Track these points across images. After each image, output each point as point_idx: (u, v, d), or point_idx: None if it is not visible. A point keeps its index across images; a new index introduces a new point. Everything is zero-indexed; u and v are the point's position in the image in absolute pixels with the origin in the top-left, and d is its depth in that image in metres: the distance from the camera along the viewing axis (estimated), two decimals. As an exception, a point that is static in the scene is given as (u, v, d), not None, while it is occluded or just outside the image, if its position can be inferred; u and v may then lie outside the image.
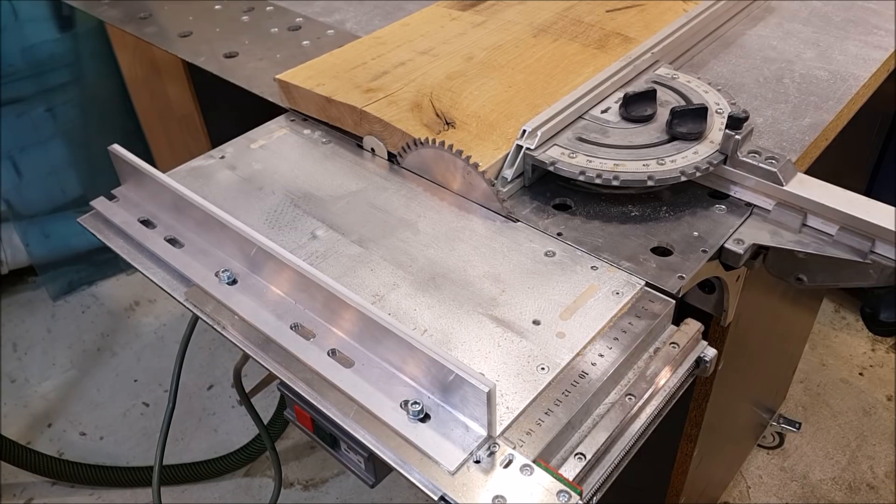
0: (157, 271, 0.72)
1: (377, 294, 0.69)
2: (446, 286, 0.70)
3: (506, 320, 0.66)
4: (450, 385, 0.55)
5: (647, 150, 0.77)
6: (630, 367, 0.64)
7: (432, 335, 0.65)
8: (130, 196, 0.79)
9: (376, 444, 0.56)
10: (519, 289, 0.69)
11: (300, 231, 0.76)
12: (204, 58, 1.07)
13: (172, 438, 1.83)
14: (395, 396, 0.58)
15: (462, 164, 0.77)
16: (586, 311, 0.66)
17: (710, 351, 0.68)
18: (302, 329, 0.64)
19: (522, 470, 0.54)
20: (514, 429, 0.57)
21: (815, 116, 0.89)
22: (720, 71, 0.98)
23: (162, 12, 1.20)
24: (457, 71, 0.92)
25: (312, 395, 0.60)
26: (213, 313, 0.67)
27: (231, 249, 0.70)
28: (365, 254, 0.73)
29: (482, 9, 1.07)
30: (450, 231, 0.76)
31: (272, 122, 0.94)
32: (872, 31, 1.06)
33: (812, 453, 1.73)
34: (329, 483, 1.73)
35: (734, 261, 0.74)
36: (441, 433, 0.55)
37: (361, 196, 0.81)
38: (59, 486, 1.74)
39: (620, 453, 0.61)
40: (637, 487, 1.20)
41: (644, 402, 0.63)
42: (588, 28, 1.00)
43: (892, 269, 0.71)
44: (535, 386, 0.60)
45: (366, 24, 1.14)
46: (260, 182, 0.84)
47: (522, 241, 0.75)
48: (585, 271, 0.71)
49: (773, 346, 1.39)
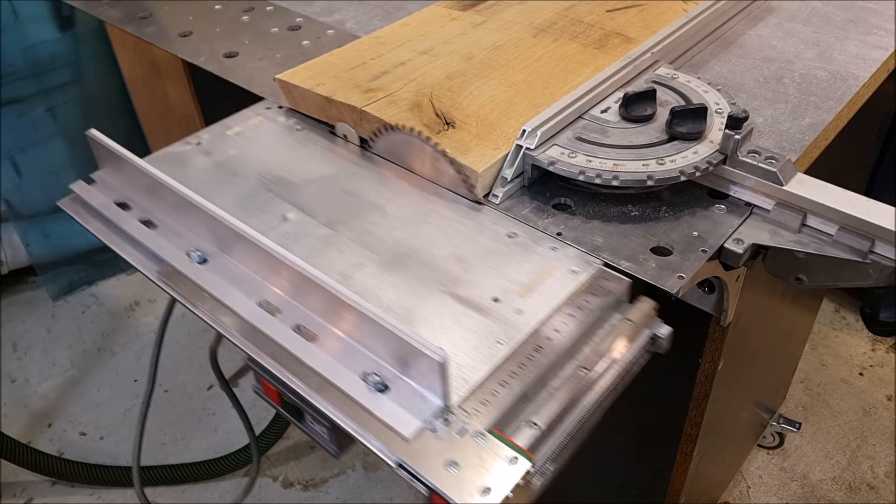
0: (132, 252, 0.74)
1: (344, 273, 0.71)
2: (411, 266, 0.72)
3: (467, 298, 0.68)
4: (408, 357, 0.58)
5: (646, 149, 0.78)
6: (586, 342, 0.67)
7: (396, 312, 0.67)
8: (108, 180, 0.81)
9: (338, 415, 0.58)
10: (481, 268, 0.71)
11: (272, 214, 0.79)
12: (204, 58, 1.07)
13: (172, 439, 1.83)
14: (357, 369, 0.60)
15: (430, 149, 0.79)
16: (544, 290, 0.69)
17: (664, 328, 0.70)
18: (269, 306, 0.66)
19: (476, 437, 0.56)
20: (471, 400, 0.59)
21: (814, 116, 0.89)
22: (720, 71, 0.98)
23: (162, 12, 1.20)
24: (457, 71, 0.92)
25: (278, 369, 0.62)
26: (185, 291, 0.69)
27: (202, 230, 0.72)
28: (333, 235, 0.76)
29: (482, 9, 1.07)
30: (417, 214, 0.78)
31: (248, 109, 0.96)
32: (872, 31, 1.06)
33: (812, 453, 1.73)
34: (329, 483, 1.73)
35: (734, 261, 0.74)
36: (399, 403, 0.58)
37: (332, 180, 0.84)
38: (59, 486, 1.74)
39: (575, 424, 0.63)
40: (637, 487, 1.20)
41: (598, 374, 0.65)
42: (588, 28, 1.01)
43: (892, 269, 0.71)
44: (491, 359, 0.62)
45: (366, 24, 1.14)
46: (234, 167, 0.86)
47: (487, 224, 0.77)
48: (545, 251, 0.73)
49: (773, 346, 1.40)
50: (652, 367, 0.99)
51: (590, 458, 1.21)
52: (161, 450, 1.80)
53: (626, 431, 1.11)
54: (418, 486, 0.54)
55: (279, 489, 1.72)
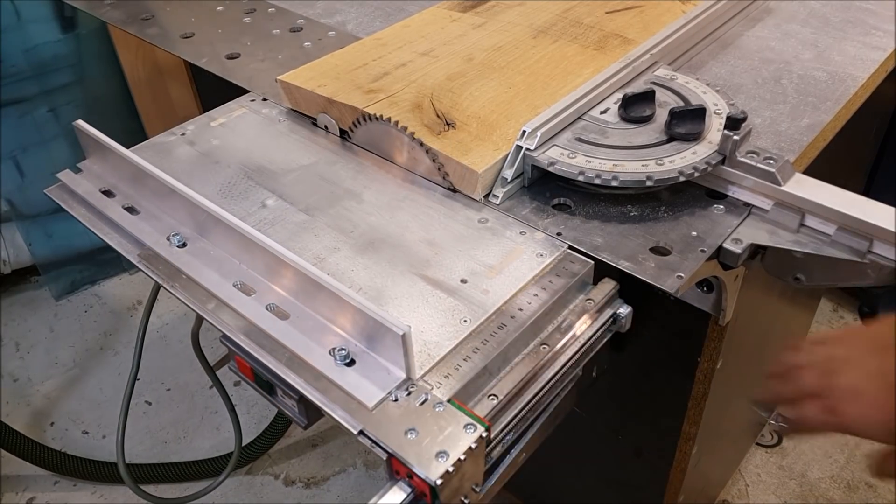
0: (115, 236, 0.77)
1: (318, 256, 0.74)
2: (384, 250, 0.75)
3: (436, 279, 0.71)
4: (373, 333, 0.60)
5: (645, 150, 0.78)
6: (549, 321, 0.70)
7: (367, 293, 0.70)
8: (94, 169, 0.85)
9: (305, 387, 0.61)
10: (451, 251, 0.74)
11: (251, 201, 0.82)
12: (206, 59, 1.08)
13: (175, 437, 1.83)
14: (325, 345, 0.63)
15: (407, 139, 0.82)
16: (511, 272, 0.72)
17: (624, 308, 0.74)
18: (243, 286, 0.69)
19: (435, 406, 0.59)
20: (434, 373, 0.62)
21: (813, 117, 0.90)
22: (719, 72, 0.99)
23: (164, 14, 1.21)
24: (457, 72, 0.93)
25: (250, 346, 0.64)
26: (164, 273, 0.72)
27: (181, 215, 0.75)
28: (310, 221, 0.79)
29: (482, 10, 1.08)
30: (392, 201, 0.81)
31: (233, 101, 0.99)
32: (870, 32, 1.06)
33: (811, 452, 1.73)
34: (330, 481, 1.74)
35: (732, 260, 0.74)
36: (364, 376, 0.60)
37: (312, 169, 0.86)
38: (60, 485, 1.75)
39: (533, 397, 0.66)
40: (636, 486, 1.21)
41: (557, 351, 0.68)
42: (587, 29, 1.01)
43: (891, 269, 0.71)
44: (456, 336, 0.65)
45: (367, 26, 1.15)
46: (217, 157, 0.88)
47: (459, 210, 0.80)
48: (514, 236, 0.76)
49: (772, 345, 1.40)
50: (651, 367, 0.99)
51: (589, 456, 1.22)
52: (164, 448, 1.81)
53: (625, 430, 1.11)
54: (378, 451, 0.57)
55: (281, 487, 1.73)
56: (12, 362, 2.04)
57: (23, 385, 1.98)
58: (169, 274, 0.72)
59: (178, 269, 0.72)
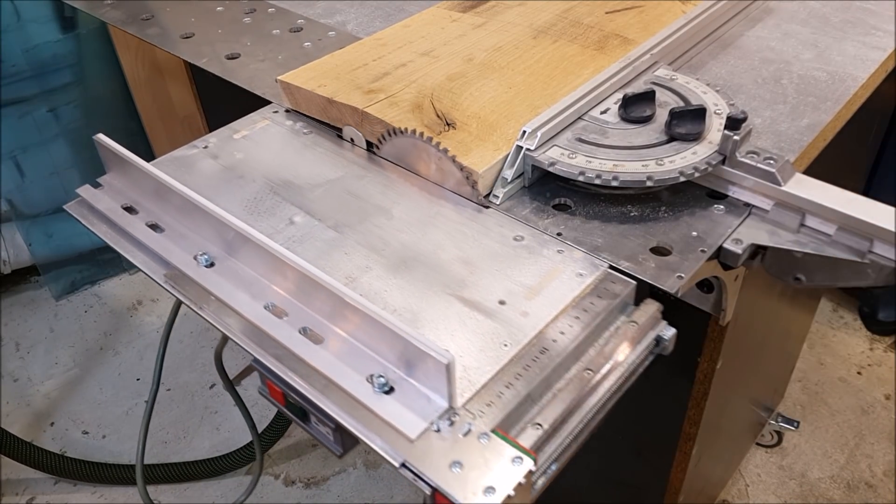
0: (139, 255, 0.75)
1: (350, 276, 0.71)
2: (417, 269, 0.72)
3: (473, 301, 0.68)
4: (413, 359, 0.58)
5: (646, 150, 0.78)
6: (591, 344, 0.67)
7: (401, 315, 0.67)
8: (115, 184, 0.82)
9: (343, 416, 0.59)
10: (487, 271, 0.72)
11: (278, 217, 0.79)
12: (206, 59, 1.08)
13: (175, 437, 1.83)
14: (362, 371, 0.60)
15: (436, 152, 0.80)
16: (550, 292, 0.69)
17: (668, 330, 0.70)
18: (275, 308, 0.66)
19: (480, 438, 0.56)
20: (476, 401, 0.59)
21: (813, 117, 0.90)
22: (719, 72, 0.99)
23: (164, 14, 1.21)
24: (457, 72, 0.93)
25: (283, 371, 0.62)
26: (191, 294, 0.69)
27: (209, 233, 0.72)
28: (340, 238, 0.76)
29: (482, 10, 1.08)
30: (423, 217, 0.79)
31: (255, 113, 0.96)
32: (870, 32, 1.06)
33: (810, 452, 1.73)
34: (330, 481, 1.74)
35: (733, 260, 0.74)
36: (404, 404, 0.58)
37: (339, 184, 0.84)
38: (60, 485, 1.75)
39: (578, 425, 0.63)
40: (636, 486, 1.21)
41: (602, 376, 0.65)
42: (587, 29, 1.01)
43: (891, 269, 0.71)
44: (497, 361, 0.62)
45: (367, 26, 1.15)
46: (241, 171, 0.86)
47: (493, 227, 0.77)
48: (552, 254, 0.73)
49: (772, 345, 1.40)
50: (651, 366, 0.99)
51: (589, 456, 1.22)
52: (164, 448, 1.81)
53: (625, 430, 1.11)
54: (422, 485, 0.55)
55: (281, 487, 1.73)
56: (12, 362, 2.04)
57: (23, 385, 1.98)
58: (197, 295, 0.69)
59: (207, 290, 0.69)
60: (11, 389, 1.96)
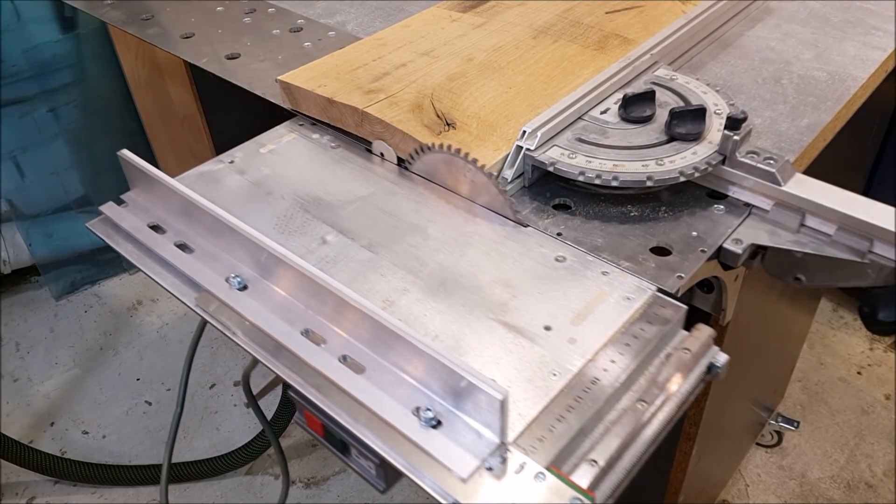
0: (168, 276, 0.72)
1: (387, 299, 0.69)
2: (456, 291, 0.69)
3: (517, 326, 0.65)
4: (462, 391, 0.55)
5: (646, 150, 0.78)
6: (641, 372, 0.64)
7: (443, 340, 0.64)
8: (140, 201, 0.79)
9: (388, 451, 0.56)
10: (529, 294, 0.69)
11: (310, 236, 0.76)
12: (206, 59, 1.08)
13: (174, 437, 1.84)
14: (407, 402, 0.58)
15: (472, 168, 0.77)
16: (597, 317, 0.66)
17: (721, 356, 0.66)
18: (312, 334, 0.64)
19: (535, 477, 0.54)
20: (527, 435, 0.57)
21: (813, 117, 0.90)
22: (719, 72, 0.99)
23: (164, 14, 1.21)
24: (457, 72, 0.93)
25: (323, 401, 0.60)
26: (224, 319, 0.67)
27: (241, 254, 0.70)
28: (375, 259, 0.73)
29: (482, 10, 1.08)
30: (459, 236, 0.76)
31: (281, 126, 0.94)
32: (871, 32, 1.06)
33: (810, 452, 1.73)
34: (330, 481, 1.74)
35: (733, 260, 0.74)
36: (453, 439, 0.55)
37: (371, 201, 0.81)
38: (61, 485, 1.75)
39: (633, 460, 0.60)
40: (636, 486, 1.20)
41: (656, 408, 0.62)
42: (587, 29, 1.01)
43: (891, 269, 0.71)
44: (546, 392, 0.59)
45: (367, 26, 1.15)
46: (269, 187, 0.84)
47: (533, 246, 0.74)
48: (596, 276, 0.70)
49: (772, 345, 1.40)
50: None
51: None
52: (163, 448, 1.81)
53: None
54: None
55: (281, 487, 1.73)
56: (12, 362, 2.04)
57: (23, 385, 1.98)
58: (231, 320, 0.66)
59: (241, 314, 0.66)
60: (11, 389, 1.96)
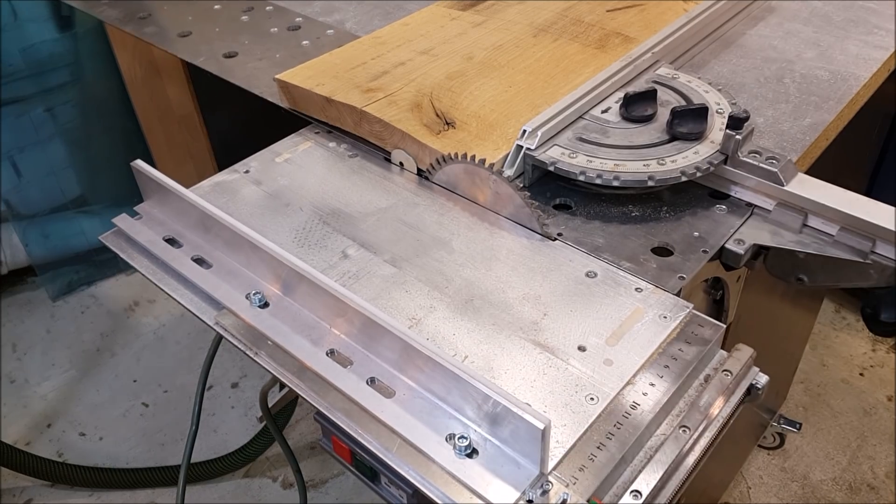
0: (185, 293, 0.70)
1: (413, 317, 0.66)
2: (485, 309, 0.67)
3: (550, 346, 0.63)
4: (499, 419, 0.53)
5: (647, 150, 0.77)
6: (681, 395, 0.61)
7: (473, 362, 0.62)
8: (154, 213, 0.77)
9: (422, 481, 0.54)
10: (561, 312, 0.66)
11: (330, 250, 0.74)
12: (203, 58, 1.07)
13: (172, 439, 1.83)
14: (440, 430, 0.55)
15: (497, 179, 0.75)
16: (633, 337, 0.63)
17: (762, 377, 0.64)
18: (338, 355, 0.62)
19: None
20: (566, 464, 0.54)
21: (815, 116, 0.89)
22: (720, 71, 0.98)
23: (161, 12, 1.20)
24: (457, 71, 0.92)
25: (352, 427, 0.57)
26: (245, 338, 0.65)
27: (262, 270, 0.68)
28: (399, 274, 0.71)
29: (482, 9, 1.07)
30: (485, 250, 0.73)
31: (296, 134, 0.92)
32: (873, 31, 1.06)
33: (812, 454, 1.72)
34: (329, 483, 1.73)
35: (735, 261, 0.74)
36: (490, 470, 0.53)
37: (392, 212, 0.79)
38: (58, 488, 1.74)
39: (675, 488, 0.57)
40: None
41: (699, 433, 0.59)
42: (588, 28, 1.00)
43: (893, 270, 0.71)
44: (585, 418, 0.57)
45: (365, 24, 1.14)
46: (287, 198, 0.81)
47: (562, 261, 0.72)
48: (629, 293, 0.68)
49: (774, 346, 1.39)
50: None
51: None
52: (161, 450, 1.80)
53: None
54: None
55: (279, 490, 1.72)
56: (9, 364, 2.03)
57: (20, 387, 1.97)
58: (252, 339, 0.64)
59: (263, 333, 0.64)
60: (8, 391, 1.96)
